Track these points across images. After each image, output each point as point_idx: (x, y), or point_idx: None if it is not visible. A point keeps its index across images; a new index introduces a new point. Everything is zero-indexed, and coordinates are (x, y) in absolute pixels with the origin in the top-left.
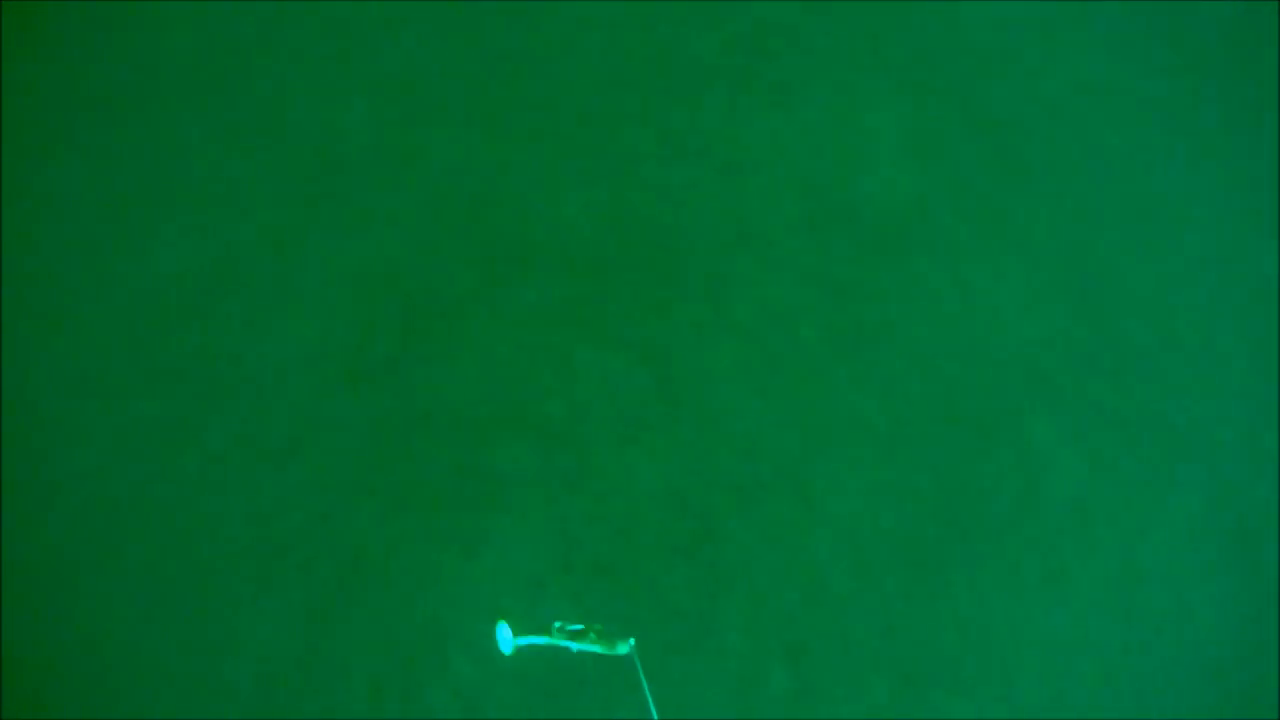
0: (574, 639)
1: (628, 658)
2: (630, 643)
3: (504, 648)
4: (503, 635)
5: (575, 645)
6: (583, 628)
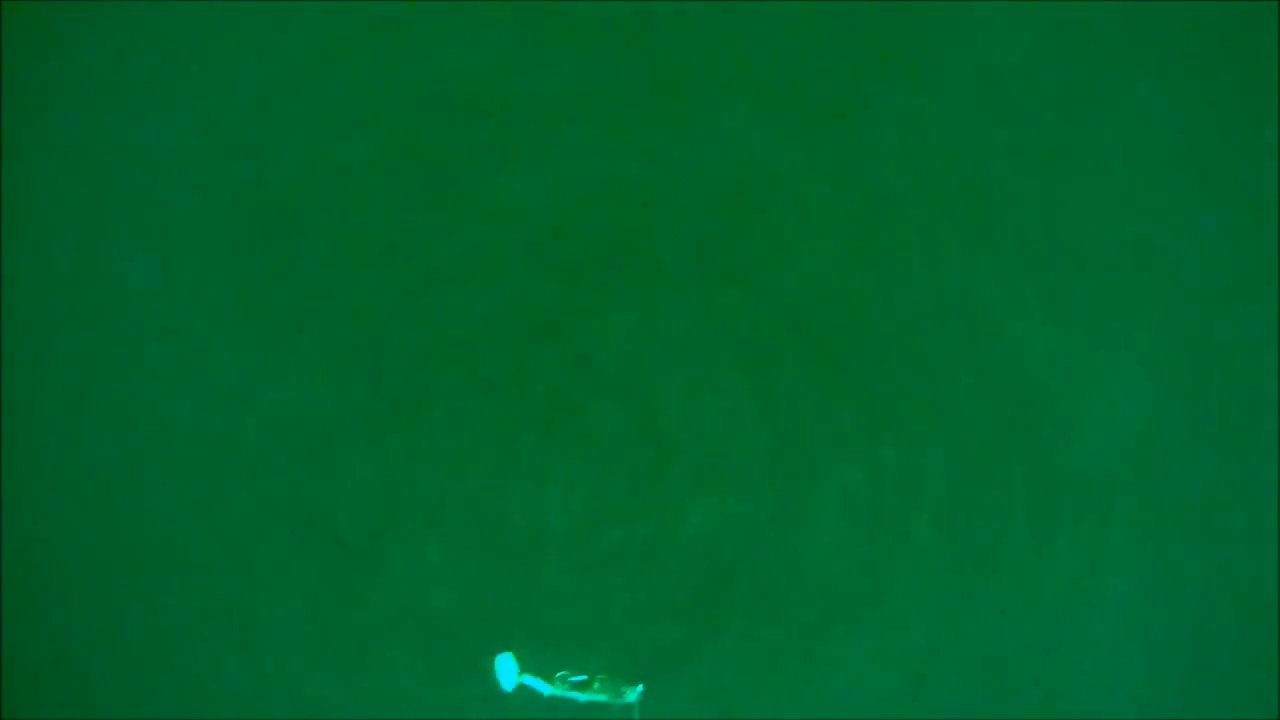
0: (578, 689)
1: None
2: (638, 690)
3: (505, 684)
4: (505, 669)
5: (581, 696)
6: (586, 678)
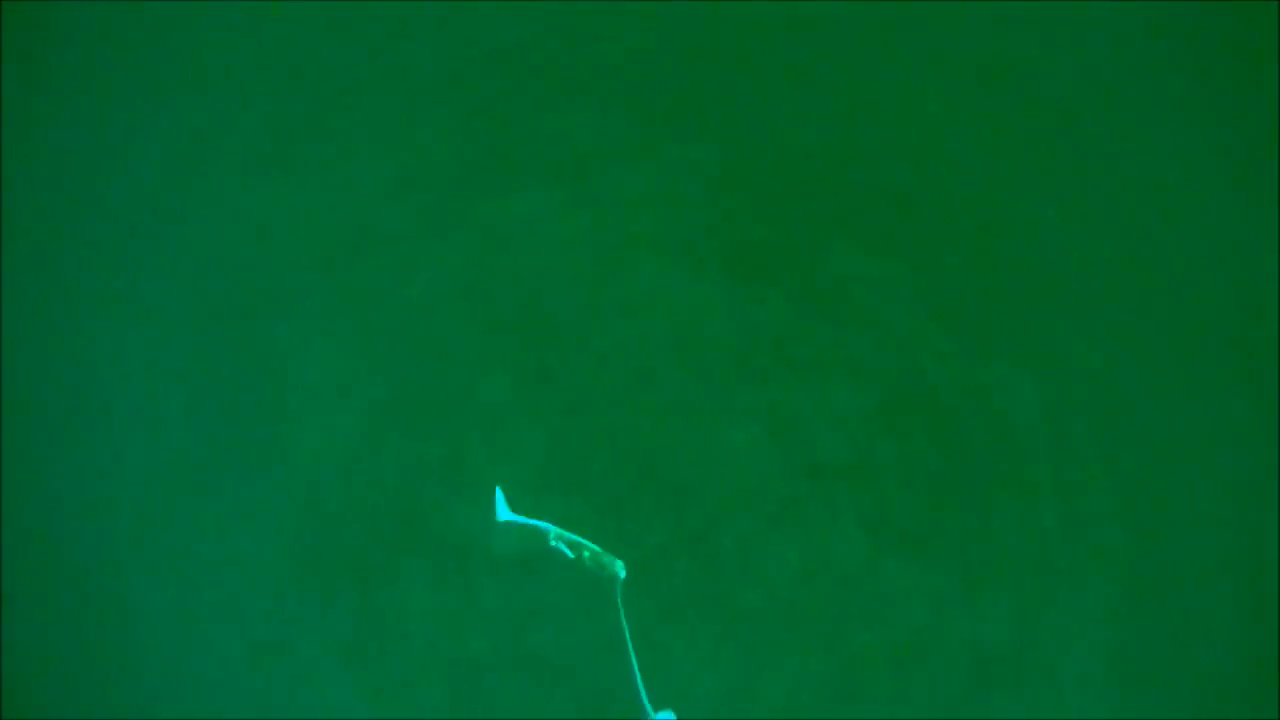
0: (568, 546)
1: (611, 582)
2: (619, 566)
3: (499, 514)
4: (501, 502)
5: (570, 553)
6: (579, 543)
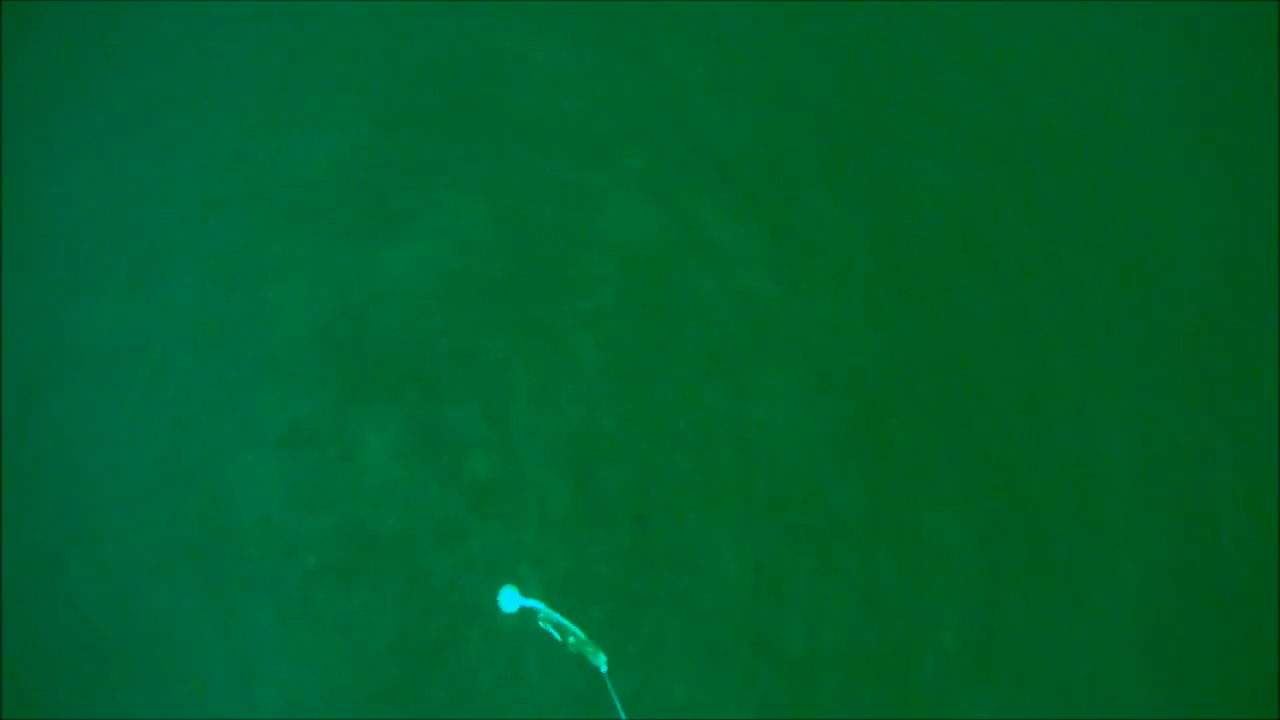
0: (559, 632)
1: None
2: (602, 659)
3: (506, 606)
4: (508, 596)
5: (557, 636)
6: (568, 628)
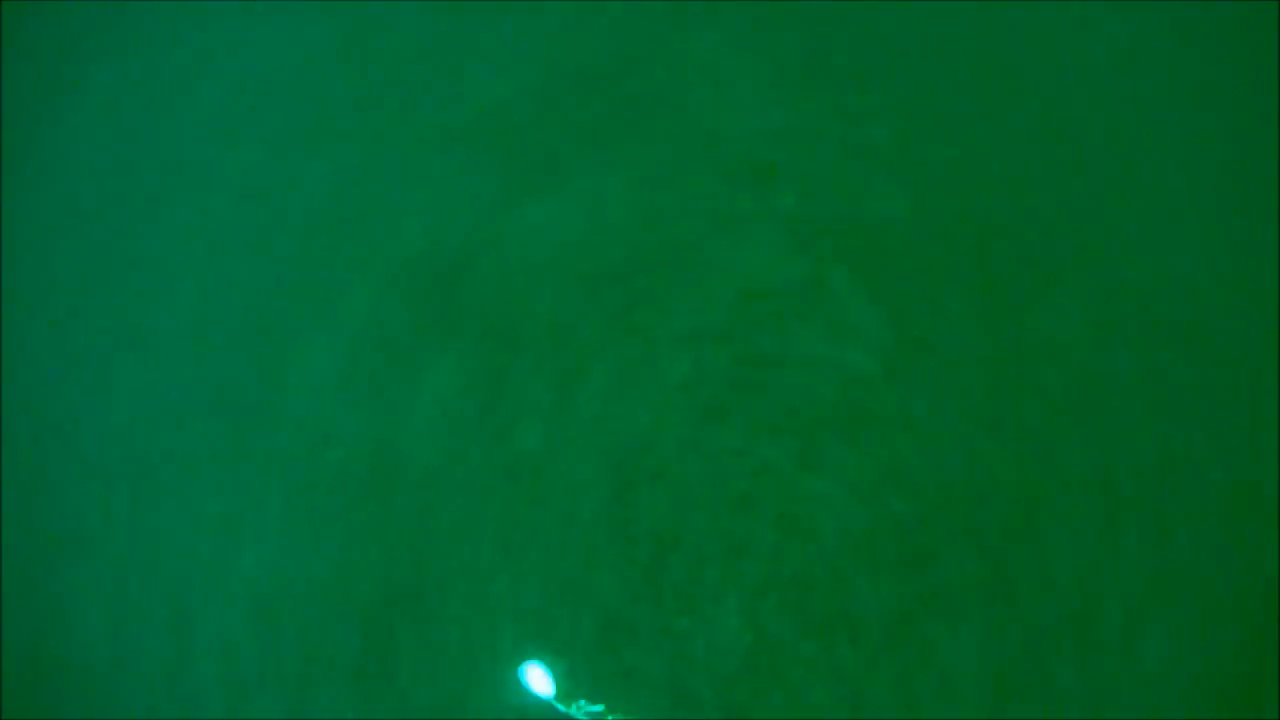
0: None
1: None
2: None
3: (533, 691)
4: (533, 680)
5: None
6: (602, 709)
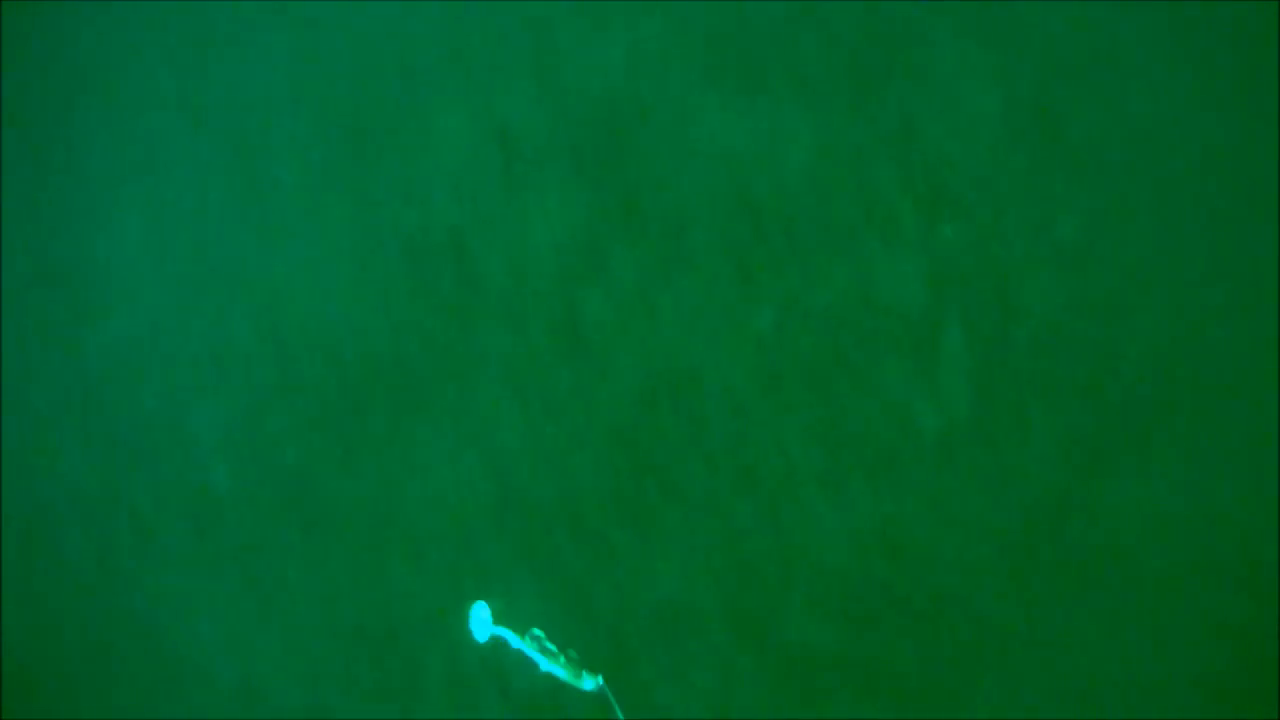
0: (545, 655)
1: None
2: (598, 680)
3: (478, 634)
4: (479, 618)
5: (544, 662)
6: (555, 650)
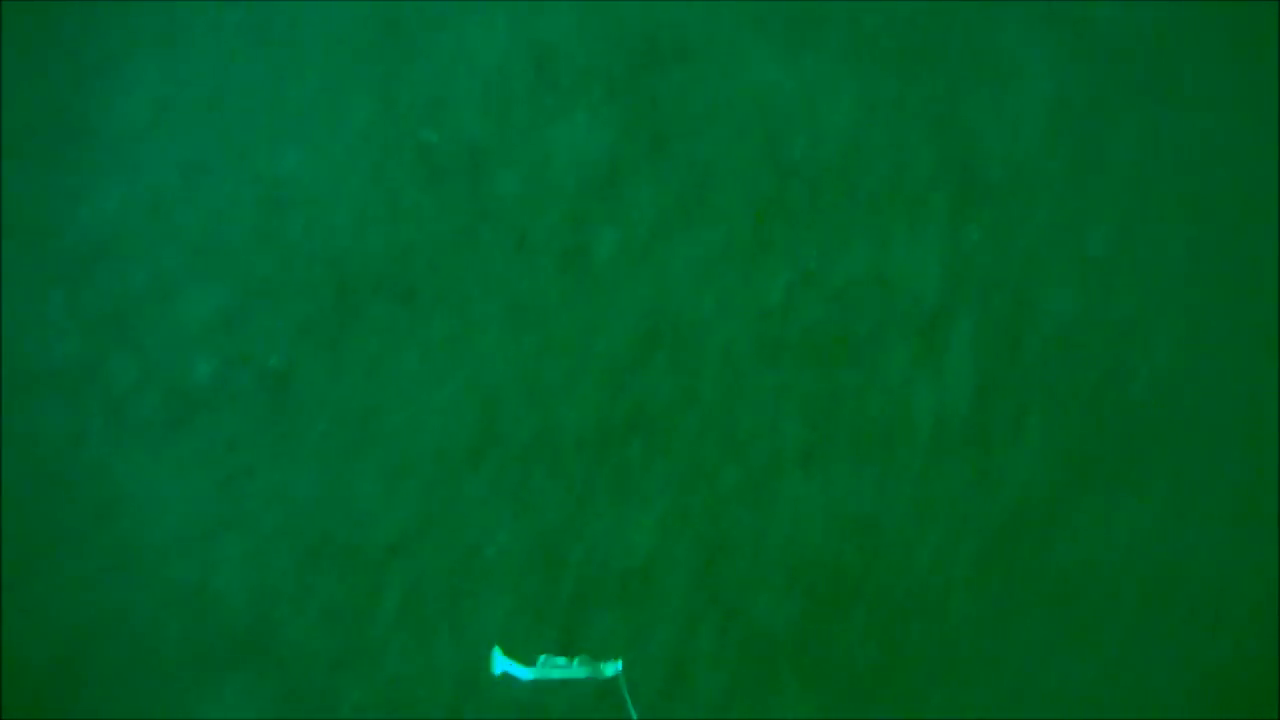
0: (559, 670)
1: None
2: (617, 665)
3: (495, 668)
4: (498, 660)
5: (562, 675)
6: (565, 660)
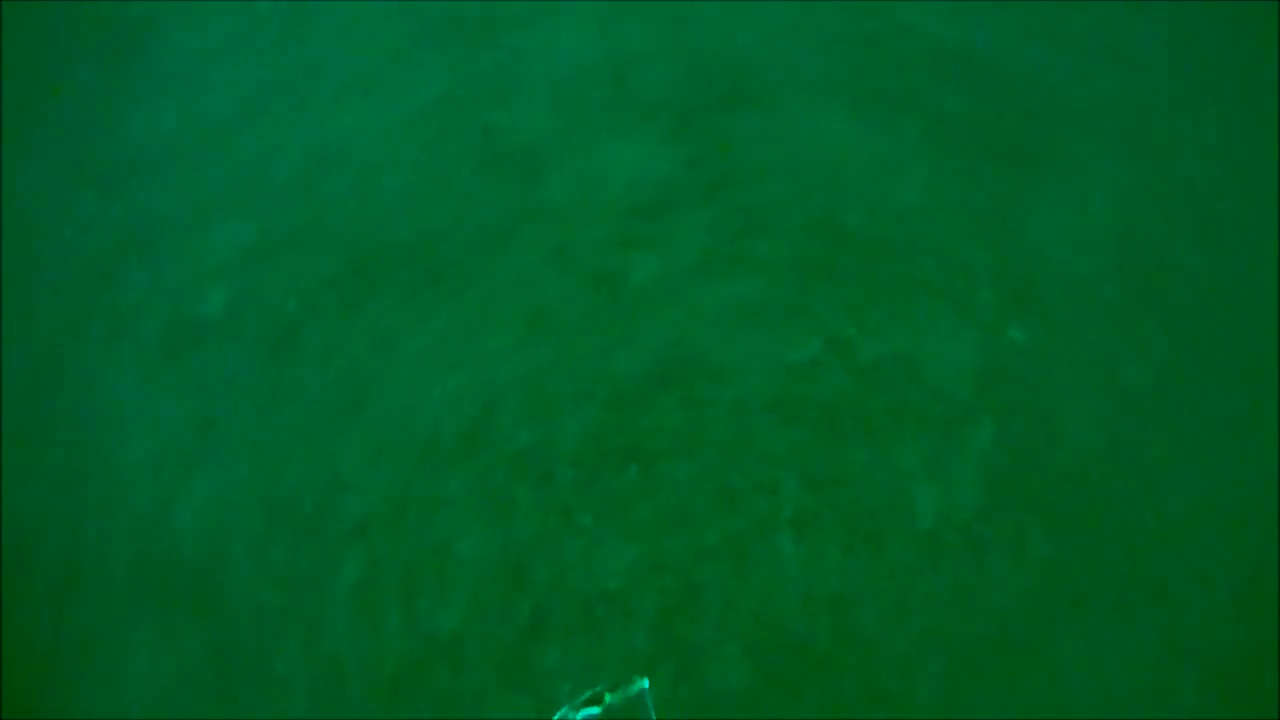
0: (593, 704)
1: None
2: (644, 683)
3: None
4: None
5: (598, 709)
6: (593, 693)
